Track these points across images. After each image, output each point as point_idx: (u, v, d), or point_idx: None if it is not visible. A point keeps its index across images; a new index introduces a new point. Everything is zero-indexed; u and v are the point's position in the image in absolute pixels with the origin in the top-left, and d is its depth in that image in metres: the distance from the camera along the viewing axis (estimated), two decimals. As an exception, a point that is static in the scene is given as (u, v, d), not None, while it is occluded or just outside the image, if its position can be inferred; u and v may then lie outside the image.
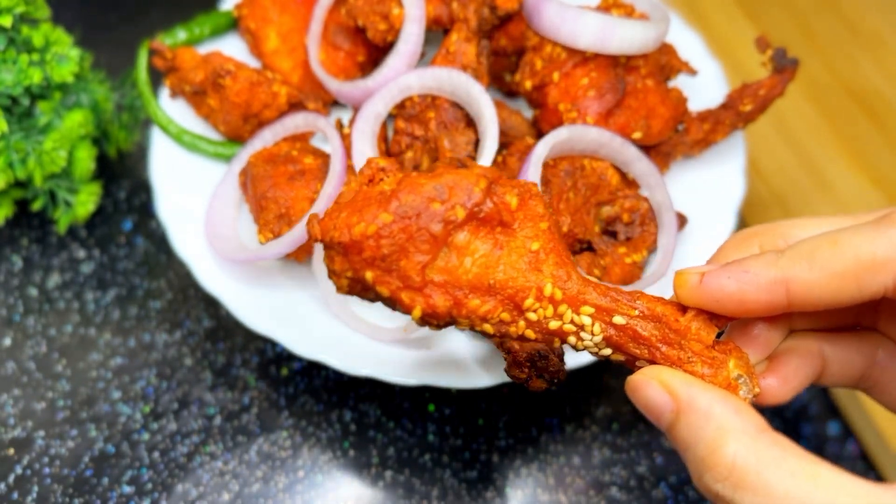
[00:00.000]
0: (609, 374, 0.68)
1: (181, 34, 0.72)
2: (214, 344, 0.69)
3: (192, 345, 0.69)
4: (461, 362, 0.59)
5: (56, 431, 0.64)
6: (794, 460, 0.31)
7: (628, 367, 0.40)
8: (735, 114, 0.65)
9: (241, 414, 0.66)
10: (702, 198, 0.67)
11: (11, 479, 0.62)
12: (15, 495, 0.61)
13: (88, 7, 0.92)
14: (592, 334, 0.38)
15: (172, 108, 0.70)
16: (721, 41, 0.88)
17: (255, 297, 0.62)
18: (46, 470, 0.63)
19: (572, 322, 0.38)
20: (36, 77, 0.63)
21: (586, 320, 0.38)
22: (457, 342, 0.61)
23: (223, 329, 0.70)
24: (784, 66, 0.64)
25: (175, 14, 0.78)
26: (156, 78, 0.72)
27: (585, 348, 0.39)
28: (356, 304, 0.63)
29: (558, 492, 0.63)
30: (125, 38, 0.86)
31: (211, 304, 0.71)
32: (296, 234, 0.58)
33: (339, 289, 0.38)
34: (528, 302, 0.38)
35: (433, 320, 0.37)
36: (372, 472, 0.63)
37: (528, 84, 0.64)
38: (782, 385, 0.40)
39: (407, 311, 0.37)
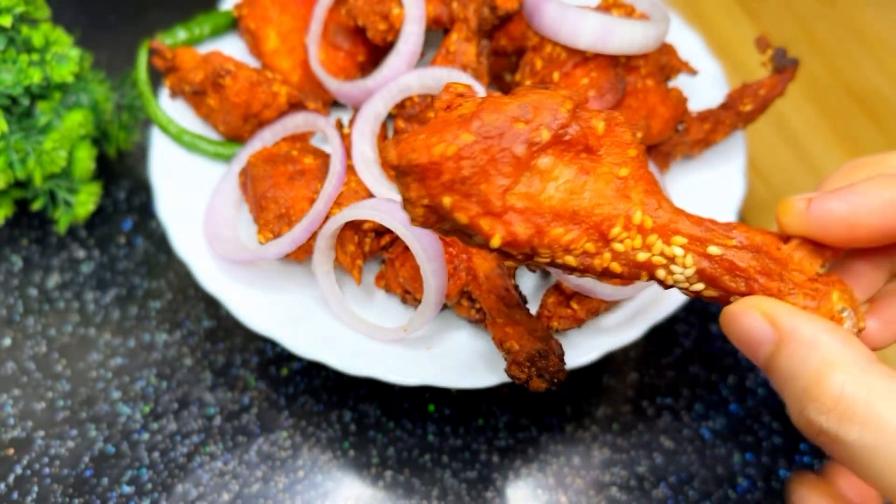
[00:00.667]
0: (609, 374, 0.68)
1: (181, 34, 0.72)
2: (214, 344, 0.69)
3: (192, 345, 0.69)
4: (461, 362, 0.59)
5: (56, 431, 0.64)
6: None
7: (721, 303, 0.37)
8: (735, 114, 0.65)
9: (240, 414, 0.66)
10: (702, 198, 0.67)
11: (11, 479, 0.62)
12: (15, 495, 0.61)
13: (88, 7, 0.92)
14: (684, 267, 0.36)
15: (172, 108, 0.70)
16: (721, 41, 0.88)
17: (254, 297, 0.62)
18: (46, 470, 0.63)
19: (662, 254, 0.36)
20: (36, 77, 0.63)
21: (678, 251, 0.36)
22: (457, 342, 0.61)
23: (223, 329, 0.70)
24: (784, 66, 0.64)
25: (175, 14, 0.78)
26: (156, 78, 0.72)
27: (676, 283, 0.37)
28: (356, 304, 0.63)
29: (558, 492, 0.63)
30: (125, 38, 0.86)
31: (211, 304, 0.71)
32: (296, 234, 0.58)
33: (415, 219, 0.36)
34: (615, 231, 0.35)
35: (513, 249, 0.35)
36: (372, 472, 0.63)
37: (528, 84, 0.64)
38: (883, 328, 0.38)
39: (486, 238, 0.35)
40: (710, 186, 0.67)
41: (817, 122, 0.83)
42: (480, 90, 0.58)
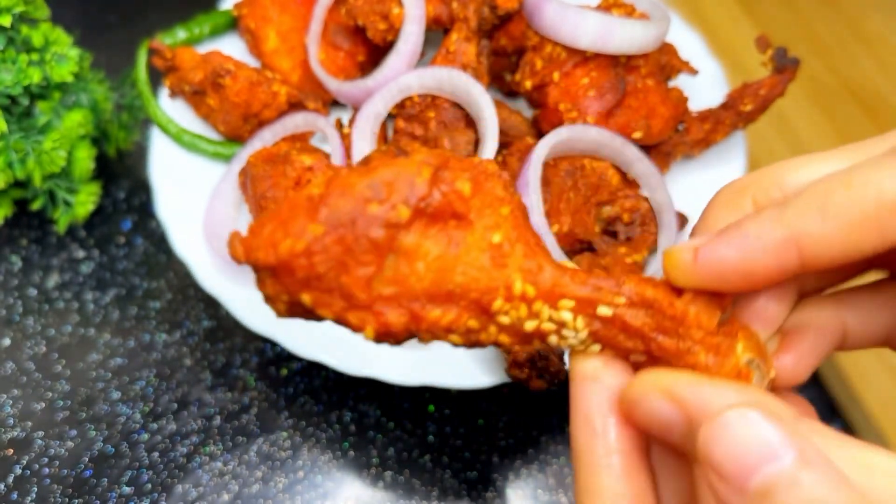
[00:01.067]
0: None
1: (181, 34, 0.71)
2: (214, 344, 0.69)
3: (192, 345, 0.69)
4: (461, 362, 0.59)
5: (55, 432, 0.64)
6: (841, 449, 0.26)
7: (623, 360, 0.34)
8: (735, 114, 0.65)
9: (240, 414, 0.66)
10: (702, 198, 0.66)
11: (11, 479, 0.62)
12: (14, 496, 0.61)
13: (88, 7, 0.92)
14: (576, 330, 0.33)
15: (172, 107, 0.70)
16: (721, 41, 0.88)
17: (254, 297, 0.61)
18: (46, 470, 0.63)
19: (551, 320, 0.33)
20: (35, 77, 0.63)
21: (566, 316, 0.32)
22: (457, 342, 0.61)
23: (223, 329, 0.70)
24: (785, 66, 0.64)
25: (175, 14, 0.78)
26: (155, 78, 0.71)
27: (570, 347, 0.34)
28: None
29: (558, 492, 0.63)
30: (125, 38, 0.86)
31: (210, 305, 0.71)
32: (295, 234, 0.58)
33: (279, 314, 0.32)
34: (497, 304, 0.32)
35: (389, 339, 0.32)
36: (372, 472, 0.63)
37: (529, 84, 0.64)
38: (798, 363, 0.34)
39: (357, 331, 0.32)
40: (710, 186, 0.67)
41: (818, 122, 0.82)
42: (337, 158, 0.52)
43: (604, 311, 0.32)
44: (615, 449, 0.31)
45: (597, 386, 0.32)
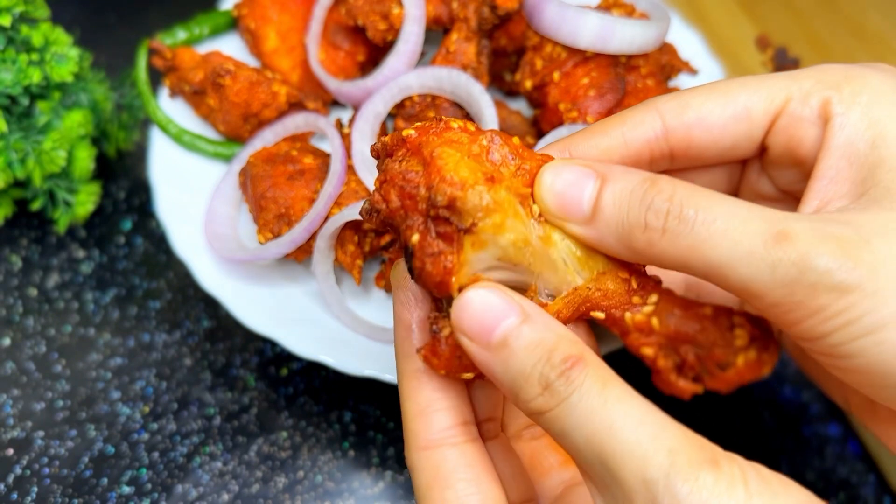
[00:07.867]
0: (609, 375, 0.68)
1: (181, 34, 0.71)
2: (214, 344, 0.69)
3: (192, 345, 0.69)
4: (461, 362, 0.59)
5: (55, 432, 0.64)
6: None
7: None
8: (735, 113, 0.65)
9: (240, 414, 0.65)
10: (702, 198, 0.66)
11: (10, 479, 0.62)
12: (14, 496, 0.61)
13: (88, 7, 0.92)
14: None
15: (172, 107, 0.70)
16: (722, 41, 0.88)
17: (254, 297, 0.61)
18: (45, 470, 0.63)
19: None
20: (35, 77, 0.63)
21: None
22: (457, 342, 0.61)
23: (222, 329, 0.70)
24: (785, 66, 0.64)
25: (174, 14, 0.78)
26: (155, 78, 0.71)
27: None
28: (356, 304, 0.63)
29: (558, 492, 0.63)
30: (125, 38, 0.85)
31: (210, 305, 0.71)
32: (295, 235, 0.58)
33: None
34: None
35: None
36: (372, 472, 0.63)
37: (529, 83, 0.64)
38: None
39: None
40: (710, 186, 0.67)
41: (818, 122, 0.82)
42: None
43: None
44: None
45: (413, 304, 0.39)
